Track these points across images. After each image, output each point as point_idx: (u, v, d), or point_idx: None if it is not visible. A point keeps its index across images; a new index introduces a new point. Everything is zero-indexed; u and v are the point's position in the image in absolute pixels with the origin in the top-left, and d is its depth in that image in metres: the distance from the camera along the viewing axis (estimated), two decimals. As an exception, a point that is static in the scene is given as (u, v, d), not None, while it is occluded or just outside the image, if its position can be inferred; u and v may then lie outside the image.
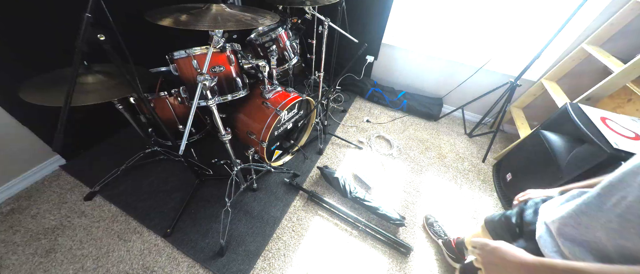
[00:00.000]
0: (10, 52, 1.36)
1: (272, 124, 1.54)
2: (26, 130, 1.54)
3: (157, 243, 1.44)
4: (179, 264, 1.37)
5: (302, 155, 2.02)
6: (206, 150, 1.92)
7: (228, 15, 1.04)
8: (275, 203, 1.68)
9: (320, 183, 1.85)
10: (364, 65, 2.77)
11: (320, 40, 1.76)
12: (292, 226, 1.58)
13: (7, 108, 1.43)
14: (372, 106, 2.72)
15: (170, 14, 1.01)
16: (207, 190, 1.71)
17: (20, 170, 1.60)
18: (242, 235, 1.50)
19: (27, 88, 1.10)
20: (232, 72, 1.41)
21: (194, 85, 1.34)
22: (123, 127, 2.06)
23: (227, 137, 1.31)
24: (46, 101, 1.05)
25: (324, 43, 1.74)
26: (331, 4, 1.64)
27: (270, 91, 1.62)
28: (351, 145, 2.19)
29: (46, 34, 1.44)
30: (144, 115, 1.68)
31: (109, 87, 1.19)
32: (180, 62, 1.31)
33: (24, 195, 1.59)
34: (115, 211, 1.56)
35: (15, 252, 1.34)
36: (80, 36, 0.73)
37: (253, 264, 1.39)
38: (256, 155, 1.69)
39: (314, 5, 1.61)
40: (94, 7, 0.73)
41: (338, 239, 1.54)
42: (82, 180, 1.69)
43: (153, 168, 1.79)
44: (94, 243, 1.41)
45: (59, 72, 1.22)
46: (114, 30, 0.86)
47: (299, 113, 1.84)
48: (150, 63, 1.69)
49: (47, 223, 1.47)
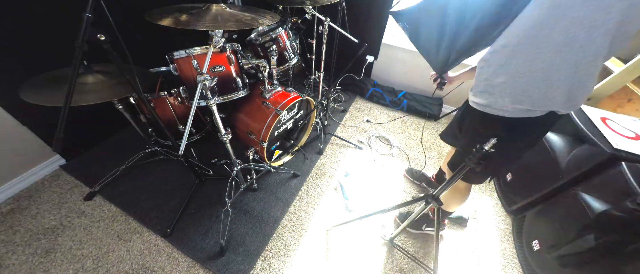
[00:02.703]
0: (10, 52, 1.36)
1: (272, 124, 1.54)
2: (26, 130, 1.54)
3: (157, 243, 1.44)
4: (179, 264, 1.37)
5: (302, 155, 2.02)
6: (206, 150, 1.92)
7: (228, 15, 1.04)
8: (275, 203, 1.68)
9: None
10: (364, 65, 2.77)
11: (320, 40, 1.76)
12: (292, 226, 1.58)
13: (7, 108, 1.43)
14: (372, 106, 2.72)
15: (170, 14, 1.01)
16: (207, 190, 1.71)
17: (20, 170, 1.60)
18: (242, 235, 1.50)
19: (27, 88, 1.10)
20: (232, 72, 1.41)
21: (194, 85, 1.34)
22: (123, 127, 2.06)
23: (227, 136, 1.31)
24: (46, 101, 1.05)
25: (324, 43, 1.74)
26: (331, 4, 1.64)
27: (270, 91, 1.62)
28: (351, 145, 2.19)
29: (46, 33, 1.44)
30: (144, 115, 1.68)
31: (109, 87, 1.19)
32: (180, 61, 1.31)
33: (24, 195, 1.59)
34: (115, 211, 1.56)
35: (15, 252, 1.34)
36: (80, 36, 0.73)
37: (253, 264, 1.39)
38: (256, 155, 1.69)
39: (314, 5, 1.61)
40: (93, 7, 0.73)
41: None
42: (82, 180, 1.69)
43: (153, 168, 1.79)
44: (94, 243, 1.41)
45: (59, 72, 1.21)
46: (114, 30, 0.86)
47: (299, 113, 1.84)
48: (150, 63, 1.69)
49: (47, 223, 1.47)
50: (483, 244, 1.60)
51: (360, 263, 1.45)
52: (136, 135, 1.66)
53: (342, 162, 2.04)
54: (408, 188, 1.89)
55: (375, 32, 2.52)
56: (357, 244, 1.53)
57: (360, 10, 2.41)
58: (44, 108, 1.05)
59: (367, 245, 1.53)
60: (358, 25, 2.47)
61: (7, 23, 1.32)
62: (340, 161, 2.04)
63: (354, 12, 2.37)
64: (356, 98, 2.79)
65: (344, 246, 1.52)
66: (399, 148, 2.22)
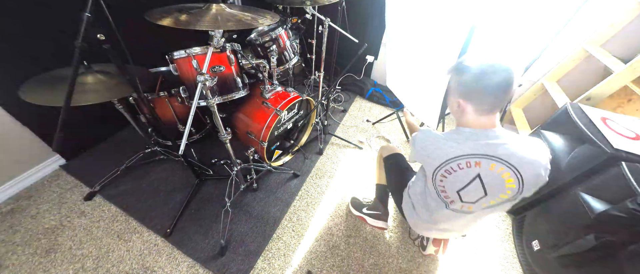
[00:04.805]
0: (10, 52, 1.36)
1: (272, 124, 1.54)
2: (26, 130, 1.54)
3: (157, 243, 1.44)
4: (179, 264, 1.37)
5: (302, 155, 2.02)
6: (206, 150, 1.92)
7: (228, 15, 1.04)
8: (275, 203, 1.68)
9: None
10: (364, 65, 2.77)
11: (320, 40, 1.76)
12: (292, 226, 1.58)
13: (7, 108, 1.43)
14: (372, 106, 2.72)
15: (170, 14, 1.01)
16: (207, 190, 1.71)
17: (20, 170, 1.60)
18: (242, 235, 1.50)
19: (27, 88, 1.10)
20: (232, 72, 1.41)
21: (194, 85, 1.34)
22: (123, 127, 2.06)
23: (227, 136, 1.31)
24: (46, 101, 1.05)
25: (324, 43, 1.74)
26: (331, 4, 1.64)
27: (270, 91, 1.62)
28: (351, 145, 2.19)
29: (46, 33, 1.44)
30: (144, 115, 1.68)
31: (109, 87, 1.19)
32: (180, 61, 1.31)
33: (24, 195, 1.59)
34: (115, 211, 1.55)
35: (15, 252, 1.34)
36: (80, 36, 0.73)
37: (253, 264, 1.39)
38: (256, 155, 1.69)
39: (314, 5, 1.61)
40: (93, 7, 0.73)
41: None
42: (82, 180, 1.69)
43: (153, 168, 1.79)
44: (93, 243, 1.41)
45: (59, 72, 1.21)
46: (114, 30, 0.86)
47: (299, 113, 1.84)
48: (150, 63, 1.69)
49: (47, 223, 1.47)
50: (483, 244, 1.60)
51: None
52: (136, 135, 1.66)
53: (342, 162, 2.04)
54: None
55: (375, 32, 2.52)
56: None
57: (360, 10, 2.41)
58: (44, 108, 1.05)
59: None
60: (358, 25, 2.47)
61: (7, 23, 1.31)
62: (340, 161, 2.04)
63: (354, 12, 2.37)
64: (356, 98, 2.79)
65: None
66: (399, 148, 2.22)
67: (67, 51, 0.87)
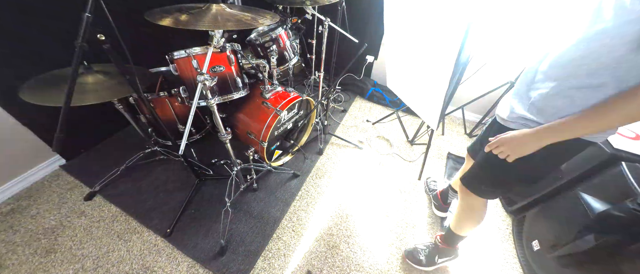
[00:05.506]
0: (10, 52, 1.36)
1: (272, 124, 1.54)
2: (26, 130, 1.54)
3: (157, 243, 1.44)
4: (179, 264, 1.37)
5: (302, 155, 2.02)
6: (206, 150, 1.92)
7: (228, 15, 1.04)
8: (275, 203, 1.68)
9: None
10: (364, 65, 2.76)
11: (320, 40, 1.76)
12: (292, 226, 1.58)
13: (7, 108, 1.43)
14: (372, 106, 2.72)
15: (170, 14, 1.01)
16: (207, 190, 1.71)
17: (20, 170, 1.60)
18: (242, 235, 1.50)
19: (27, 88, 1.10)
20: (232, 72, 1.41)
21: (194, 85, 1.34)
22: (123, 127, 2.06)
23: (227, 136, 1.31)
24: (46, 101, 1.05)
25: (324, 43, 1.74)
26: (331, 4, 1.64)
27: (270, 91, 1.62)
28: (351, 145, 2.19)
29: (46, 33, 1.44)
30: (143, 115, 1.68)
31: (109, 87, 1.19)
32: (180, 61, 1.31)
33: (24, 195, 1.59)
34: (115, 211, 1.56)
35: (15, 252, 1.34)
36: (80, 36, 0.73)
37: (253, 264, 1.39)
38: (256, 155, 1.69)
39: (314, 5, 1.61)
40: (93, 7, 0.73)
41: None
42: (82, 180, 1.69)
43: (153, 168, 1.79)
44: (94, 243, 1.41)
45: (59, 72, 1.21)
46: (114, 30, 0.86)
47: (299, 113, 1.84)
48: (150, 63, 1.69)
49: (47, 223, 1.47)
50: (483, 244, 1.60)
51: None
52: (136, 135, 1.66)
53: (342, 162, 2.04)
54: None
55: (375, 32, 2.52)
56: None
57: (360, 10, 2.41)
58: (44, 108, 1.05)
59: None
60: (358, 25, 2.47)
61: (7, 23, 1.32)
62: (341, 161, 2.04)
63: (354, 12, 2.37)
64: (356, 98, 2.79)
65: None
66: (399, 148, 2.22)
67: (67, 51, 0.87)
